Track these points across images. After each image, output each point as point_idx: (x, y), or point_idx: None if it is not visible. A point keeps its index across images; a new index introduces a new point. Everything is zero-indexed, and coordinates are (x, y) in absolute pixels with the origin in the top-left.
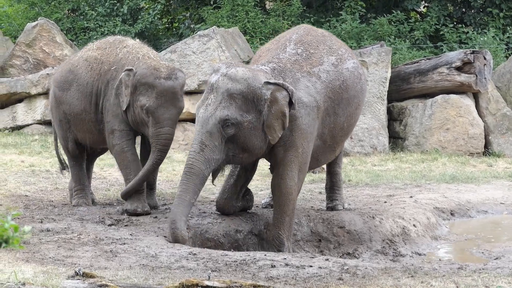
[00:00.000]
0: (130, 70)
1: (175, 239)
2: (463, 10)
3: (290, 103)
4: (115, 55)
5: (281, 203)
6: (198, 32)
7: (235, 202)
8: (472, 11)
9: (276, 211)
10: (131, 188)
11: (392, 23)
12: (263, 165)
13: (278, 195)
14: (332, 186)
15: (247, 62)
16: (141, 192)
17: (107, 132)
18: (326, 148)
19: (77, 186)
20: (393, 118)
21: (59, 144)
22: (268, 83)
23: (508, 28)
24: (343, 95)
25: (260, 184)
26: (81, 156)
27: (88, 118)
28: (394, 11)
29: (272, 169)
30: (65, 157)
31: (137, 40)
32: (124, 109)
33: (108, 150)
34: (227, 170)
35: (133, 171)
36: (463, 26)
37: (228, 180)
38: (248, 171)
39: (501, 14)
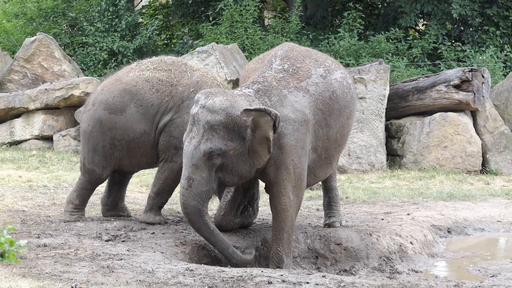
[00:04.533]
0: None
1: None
2: (461, 28)
3: (274, 127)
4: (187, 78)
5: (278, 220)
6: (197, 48)
7: (233, 218)
8: (470, 29)
9: (274, 229)
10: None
11: (390, 40)
12: None
13: (275, 213)
14: (330, 202)
15: None
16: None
17: (168, 146)
18: (321, 162)
19: (82, 206)
20: (391, 135)
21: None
22: (248, 110)
23: (506, 47)
24: (334, 106)
25: (261, 200)
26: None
27: (147, 140)
28: (392, 29)
29: (267, 189)
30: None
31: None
32: None
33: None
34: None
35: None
36: (461, 44)
37: (225, 196)
38: (246, 188)
39: (498, 33)
